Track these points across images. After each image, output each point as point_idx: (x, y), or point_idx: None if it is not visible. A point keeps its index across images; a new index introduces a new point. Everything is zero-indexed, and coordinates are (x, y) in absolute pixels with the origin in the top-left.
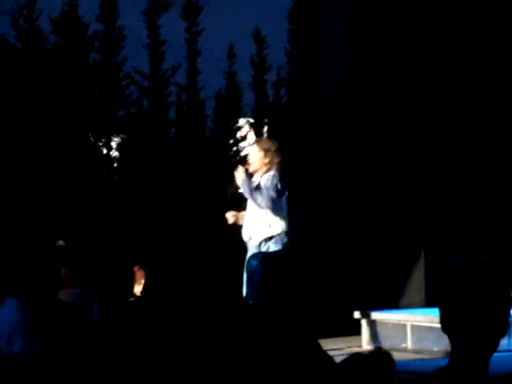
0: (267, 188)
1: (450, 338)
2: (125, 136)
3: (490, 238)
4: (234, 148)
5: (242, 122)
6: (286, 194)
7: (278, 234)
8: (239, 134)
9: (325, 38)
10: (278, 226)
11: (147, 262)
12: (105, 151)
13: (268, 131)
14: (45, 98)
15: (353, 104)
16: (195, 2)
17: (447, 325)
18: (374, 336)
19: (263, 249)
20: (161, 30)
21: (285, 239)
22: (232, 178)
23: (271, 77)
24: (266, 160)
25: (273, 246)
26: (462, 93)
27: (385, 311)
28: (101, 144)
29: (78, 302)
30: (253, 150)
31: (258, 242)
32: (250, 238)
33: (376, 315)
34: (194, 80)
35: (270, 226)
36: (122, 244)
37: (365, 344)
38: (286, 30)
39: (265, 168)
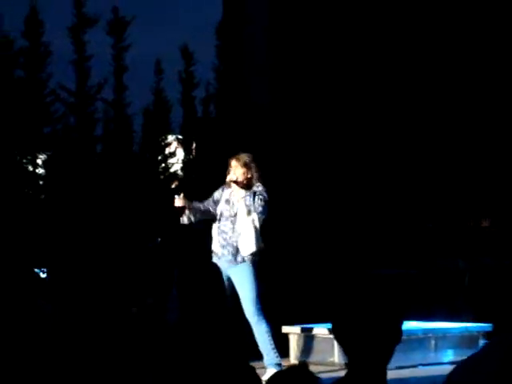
0: (264, 198)
1: (342, 347)
2: (51, 153)
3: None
4: (163, 164)
5: (170, 138)
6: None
7: (257, 252)
8: (168, 151)
9: (250, 51)
10: (259, 242)
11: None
12: (30, 168)
13: (196, 147)
14: None
15: (281, 112)
16: (121, 17)
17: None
18: (302, 350)
19: (245, 262)
20: (87, 46)
21: (257, 257)
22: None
23: (200, 93)
24: (249, 175)
25: (250, 262)
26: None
27: (312, 325)
28: (26, 161)
29: None
30: (234, 165)
31: (247, 254)
32: (230, 251)
33: (304, 329)
34: (121, 96)
35: (256, 241)
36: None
37: (293, 358)
38: (214, 46)
39: (245, 182)
